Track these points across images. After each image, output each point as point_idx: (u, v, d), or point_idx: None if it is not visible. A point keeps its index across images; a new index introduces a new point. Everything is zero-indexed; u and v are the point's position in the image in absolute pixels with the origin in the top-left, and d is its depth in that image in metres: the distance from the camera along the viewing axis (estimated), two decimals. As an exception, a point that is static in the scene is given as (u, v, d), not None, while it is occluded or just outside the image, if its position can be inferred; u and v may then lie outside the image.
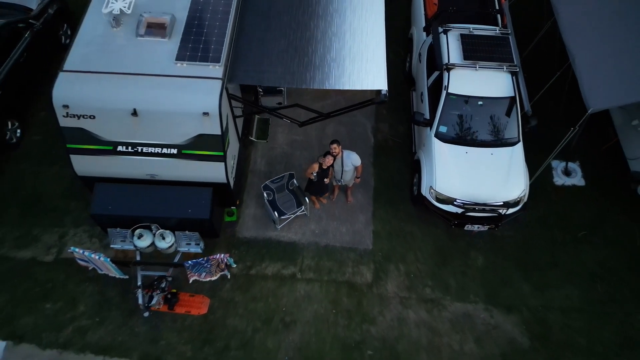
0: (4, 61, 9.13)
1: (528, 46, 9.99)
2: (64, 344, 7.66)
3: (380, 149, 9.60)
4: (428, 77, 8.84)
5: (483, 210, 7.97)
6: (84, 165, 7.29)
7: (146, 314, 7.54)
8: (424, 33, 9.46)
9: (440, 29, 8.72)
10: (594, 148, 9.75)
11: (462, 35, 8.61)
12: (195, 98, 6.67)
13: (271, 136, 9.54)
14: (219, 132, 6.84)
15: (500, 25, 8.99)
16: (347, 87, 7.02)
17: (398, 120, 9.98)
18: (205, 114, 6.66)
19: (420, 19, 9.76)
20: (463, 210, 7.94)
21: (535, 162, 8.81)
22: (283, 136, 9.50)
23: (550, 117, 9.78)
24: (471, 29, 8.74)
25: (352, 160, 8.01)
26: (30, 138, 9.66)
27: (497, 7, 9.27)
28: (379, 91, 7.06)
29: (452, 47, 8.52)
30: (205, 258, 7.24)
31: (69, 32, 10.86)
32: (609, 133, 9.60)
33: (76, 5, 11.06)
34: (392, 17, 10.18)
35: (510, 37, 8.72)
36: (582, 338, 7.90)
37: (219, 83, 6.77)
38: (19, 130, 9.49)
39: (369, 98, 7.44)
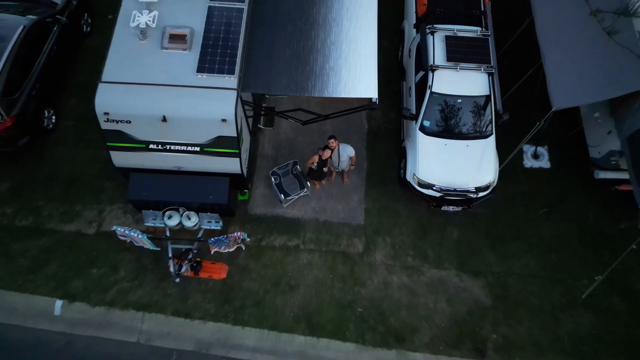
0: (38, 56, 10.24)
1: (510, 39, 10.99)
2: (110, 302, 9.37)
3: (374, 134, 10.88)
4: (415, 73, 9.98)
5: (458, 195, 9.41)
6: (121, 159, 8.65)
7: (177, 280, 9.18)
8: (414, 29, 10.46)
9: (428, 30, 9.74)
10: (562, 134, 11.02)
11: (446, 37, 9.65)
12: (215, 106, 7.93)
13: (277, 123, 10.80)
14: (234, 135, 8.15)
15: (482, 26, 9.98)
16: (343, 95, 8.25)
17: (390, 108, 11.17)
18: (224, 120, 7.95)
19: (411, 15, 10.72)
20: (441, 194, 9.38)
21: (510, 146, 10.12)
22: (287, 123, 10.74)
23: (526, 105, 10.95)
24: (455, 31, 9.77)
25: (347, 152, 9.36)
26: (64, 123, 10.94)
27: (482, 9, 10.20)
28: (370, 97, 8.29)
29: (437, 48, 9.60)
30: (225, 236, 8.80)
31: (89, 21, 11.83)
32: (576, 120, 10.82)
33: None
34: (389, 5, 11.11)
35: (489, 38, 9.77)
36: (535, 298, 9.58)
37: (234, 93, 8.00)
38: (54, 117, 10.75)
39: (362, 102, 8.66)
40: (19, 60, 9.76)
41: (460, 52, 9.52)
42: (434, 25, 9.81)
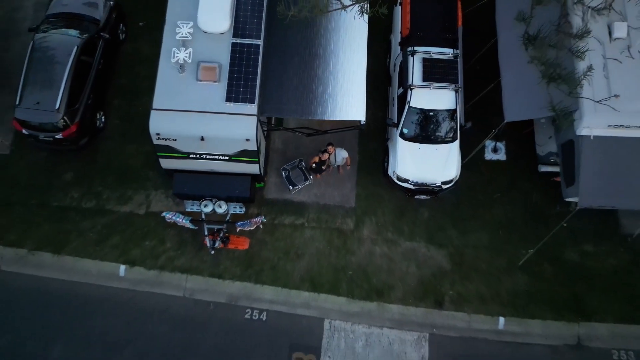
0: (89, 70, 12.46)
1: (480, 52, 13.08)
2: (161, 266, 12.34)
3: (364, 131, 13.30)
4: (398, 87, 12.27)
5: (427, 188, 12.08)
6: (167, 163, 11.26)
7: (212, 252, 12.08)
8: (399, 47, 12.59)
9: (409, 53, 11.90)
10: (519, 131, 13.43)
11: (423, 59, 11.85)
12: (240, 129, 10.40)
13: (285, 123, 13.20)
14: (255, 149, 10.69)
15: (455, 47, 12.08)
16: (338, 118, 10.71)
17: (379, 108, 13.51)
18: (247, 139, 10.45)
19: (397, 33, 12.77)
20: (415, 190, 12.04)
21: (476, 142, 12.62)
22: (294, 123, 13.14)
23: (493, 107, 13.19)
24: (431, 53, 11.93)
25: (341, 154, 11.93)
26: (111, 122, 13.37)
27: (455, 33, 12.22)
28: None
29: (415, 69, 11.83)
30: (248, 220, 11.60)
31: (124, 29, 13.84)
32: (531, 121, 13.17)
33: (127, 6, 13.96)
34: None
35: (459, 60, 11.96)
36: (484, 264, 12.54)
37: (254, 118, 10.44)
38: (103, 118, 13.16)
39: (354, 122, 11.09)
40: (76, 76, 12.03)
41: (434, 73, 11.77)
42: (414, 48, 11.96)
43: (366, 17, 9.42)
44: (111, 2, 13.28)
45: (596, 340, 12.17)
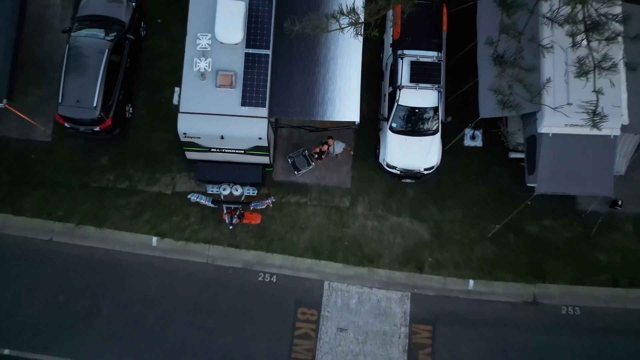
0: (119, 69, 14.19)
1: (463, 50, 14.73)
2: (187, 238, 14.67)
3: (360, 120, 15.15)
4: (389, 85, 14.07)
5: (412, 173, 14.18)
6: (192, 155, 13.34)
7: (230, 227, 14.36)
8: (391, 48, 14.25)
9: (398, 55, 13.61)
10: (495, 120, 15.32)
11: (411, 62, 13.59)
12: (254, 129, 12.38)
13: (290, 120, 14.98)
14: (266, 145, 12.72)
15: (439, 51, 13.76)
16: (336, 119, 12.67)
17: (373, 100, 15.33)
18: (260, 138, 12.44)
19: (389, 34, 14.37)
20: (401, 175, 14.15)
21: (457, 130, 14.57)
22: (299, 120, 14.95)
23: (472, 100, 14.98)
24: (418, 57, 13.64)
25: (340, 146, 13.93)
26: (138, 112, 15.24)
27: (440, 38, 13.85)
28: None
29: (404, 71, 13.60)
30: (260, 202, 13.82)
31: (144, 26, 15.38)
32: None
33: (146, 4, 15.44)
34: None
35: (442, 63, 13.68)
36: (458, 236, 14.87)
37: (265, 120, 12.38)
38: (131, 109, 15.02)
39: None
40: (108, 76, 13.81)
41: (420, 75, 13.57)
42: (404, 52, 13.66)
43: (361, 38, 11.13)
44: (133, 4, 14.77)
45: (549, 298, 14.72)
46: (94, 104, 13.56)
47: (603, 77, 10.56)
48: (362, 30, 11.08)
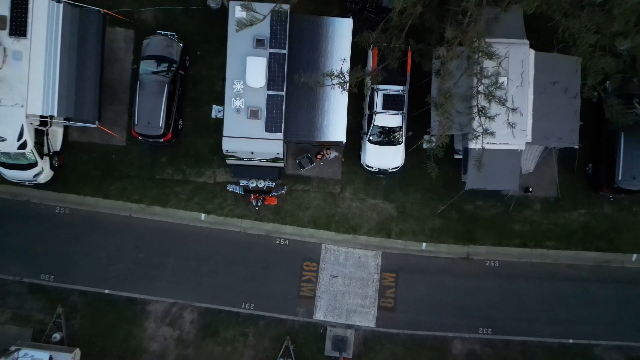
0: (174, 97, 19.68)
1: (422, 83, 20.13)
2: (225, 214, 20.91)
3: (349, 129, 20.85)
4: (368, 109, 19.69)
5: (385, 172, 20.18)
6: (231, 161, 19.25)
7: (256, 208, 20.55)
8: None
9: (374, 89, 19.12)
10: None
11: (384, 95, 19.12)
12: (274, 147, 18.24)
13: (297, 126, 20.81)
14: (282, 157, 18.63)
15: (404, 86, 19.22)
16: (330, 140, 18.44)
17: (358, 112, 20.94)
18: (278, 153, 18.31)
19: (369, 65, 19.72)
20: (376, 172, 20.15)
21: (419, 137, 20.36)
22: (303, 125, 20.73)
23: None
24: (389, 90, 19.13)
25: (334, 154, 19.81)
26: (186, 124, 20.92)
27: (405, 76, 19.23)
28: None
29: (378, 101, 19.17)
30: (277, 190, 19.96)
31: (188, 58, 20.64)
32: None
33: (187, 39, 20.64)
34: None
35: (405, 95, 19.20)
36: (416, 212, 21.09)
37: (282, 142, 18.19)
38: (181, 122, 20.68)
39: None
40: (168, 102, 19.36)
41: (390, 104, 19.17)
42: (378, 87, 19.15)
43: (346, 92, 16.68)
44: (181, 45, 19.99)
45: (477, 255, 21.22)
46: (160, 124, 19.26)
47: (511, 114, 16.43)
48: (347, 87, 16.70)
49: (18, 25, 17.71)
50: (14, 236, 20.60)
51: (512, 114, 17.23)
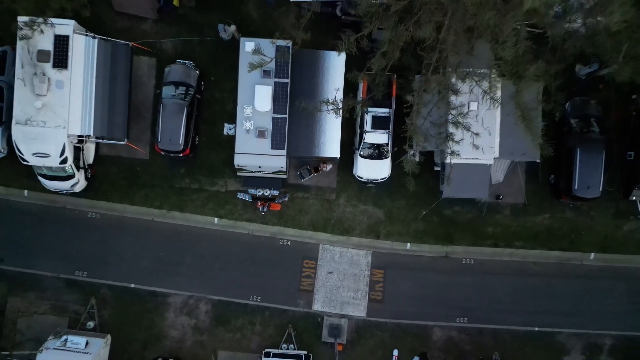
0: (191, 118, 22.74)
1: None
2: (235, 218, 24.04)
3: (343, 144, 23.89)
4: (359, 128, 22.78)
5: (374, 182, 23.28)
6: (240, 173, 22.35)
7: (262, 213, 23.66)
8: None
9: (364, 112, 22.20)
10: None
11: (372, 116, 22.21)
12: (278, 162, 21.35)
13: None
14: (285, 170, 21.75)
15: (390, 108, 22.29)
16: (326, 155, 21.58)
17: (350, 129, 23.99)
18: (282, 167, 21.43)
19: (359, 97, 22.80)
20: (367, 182, 23.26)
21: (404, 152, 23.43)
22: (303, 141, 23.83)
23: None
24: (377, 112, 22.21)
25: (329, 166, 22.92)
26: (202, 139, 24.00)
27: (391, 100, 22.29)
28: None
29: (367, 122, 22.26)
30: (280, 197, 23.05)
31: (203, 83, 23.71)
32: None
33: (202, 66, 23.72)
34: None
35: (391, 116, 22.29)
36: (402, 216, 24.19)
37: (285, 157, 21.29)
38: (197, 138, 23.76)
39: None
40: (187, 123, 22.43)
41: (378, 124, 22.26)
42: (368, 109, 22.22)
43: (339, 117, 19.77)
44: (197, 72, 23.06)
45: (455, 254, 24.35)
46: (180, 142, 22.34)
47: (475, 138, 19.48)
48: (341, 112, 19.80)
49: (60, 59, 20.76)
50: (51, 238, 23.73)
51: (476, 138, 20.27)
